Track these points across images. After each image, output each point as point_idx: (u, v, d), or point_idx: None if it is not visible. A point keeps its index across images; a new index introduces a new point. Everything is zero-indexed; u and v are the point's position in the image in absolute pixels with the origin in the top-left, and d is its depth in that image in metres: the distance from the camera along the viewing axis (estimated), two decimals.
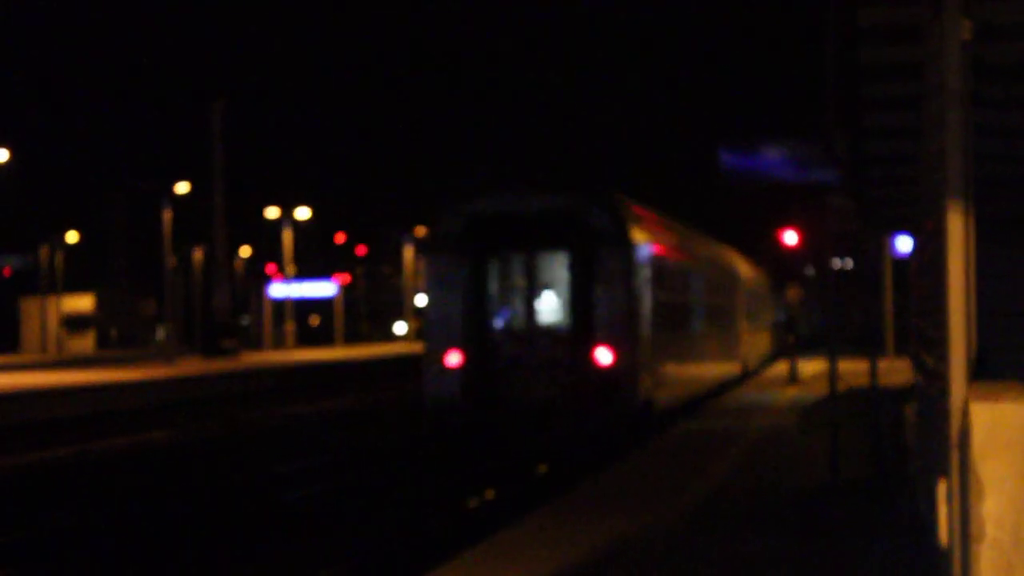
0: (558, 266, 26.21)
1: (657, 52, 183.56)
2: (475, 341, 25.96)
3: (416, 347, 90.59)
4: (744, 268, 45.41)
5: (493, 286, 26.30)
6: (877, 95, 12.76)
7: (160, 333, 75.68)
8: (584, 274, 25.89)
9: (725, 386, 39.81)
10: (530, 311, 26.25)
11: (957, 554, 8.53)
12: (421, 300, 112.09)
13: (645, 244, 27.42)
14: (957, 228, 8.78)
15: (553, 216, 26.13)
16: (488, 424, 26.02)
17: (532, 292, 26.24)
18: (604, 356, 25.66)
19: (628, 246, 26.22)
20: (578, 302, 25.93)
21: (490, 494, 23.28)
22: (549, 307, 26.32)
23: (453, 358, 25.88)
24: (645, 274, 27.12)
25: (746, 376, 45.36)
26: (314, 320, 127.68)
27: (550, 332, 26.17)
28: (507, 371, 26.06)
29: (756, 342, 48.12)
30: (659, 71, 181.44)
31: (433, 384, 26.16)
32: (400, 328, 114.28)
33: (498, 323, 26.26)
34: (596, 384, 25.61)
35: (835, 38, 17.49)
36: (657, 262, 28.46)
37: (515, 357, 26.07)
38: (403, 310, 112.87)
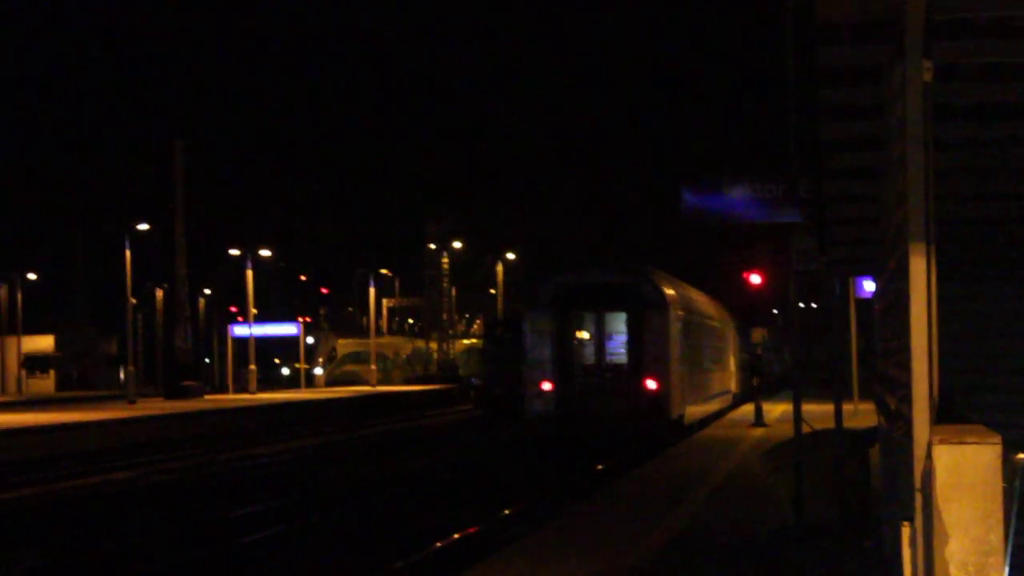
0: (618, 322, 37.20)
1: (620, 92, 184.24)
2: (561, 373, 36.57)
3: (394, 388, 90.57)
4: (727, 315, 53.93)
5: (573, 335, 37.04)
6: (838, 136, 12.77)
7: (122, 374, 75.13)
8: (636, 327, 36.82)
9: (723, 409, 49.42)
10: (599, 352, 37.23)
11: None
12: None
13: (675, 307, 37.90)
14: (919, 269, 8.75)
15: (615, 288, 37.33)
16: (570, 431, 36.40)
17: (600, 339, 37.21)
18: (651, 384, 36.50)
19: (665, 308, 37.00)
20: (632, 347, 36.84)
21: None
22: (612, 350, 37.18)
23: (546, 385, 36.65)
24: (676, 327, 37.58)
25: (735, 402, 53.68)
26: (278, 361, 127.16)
27: (613, 367, 37.11)
28: (583, 394, 36.75)
29: (741, 377, 58.96)
30: (622, 110, 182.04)
31: (531, 403, 36.94)
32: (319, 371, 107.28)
33: (577, 361, 36.98)
34: (645, 403, 36.46)
35: (797, 78, 17.52)
36: (682, 319, 38.93)
37: (588, 384, 36.91)
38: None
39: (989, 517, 8.01)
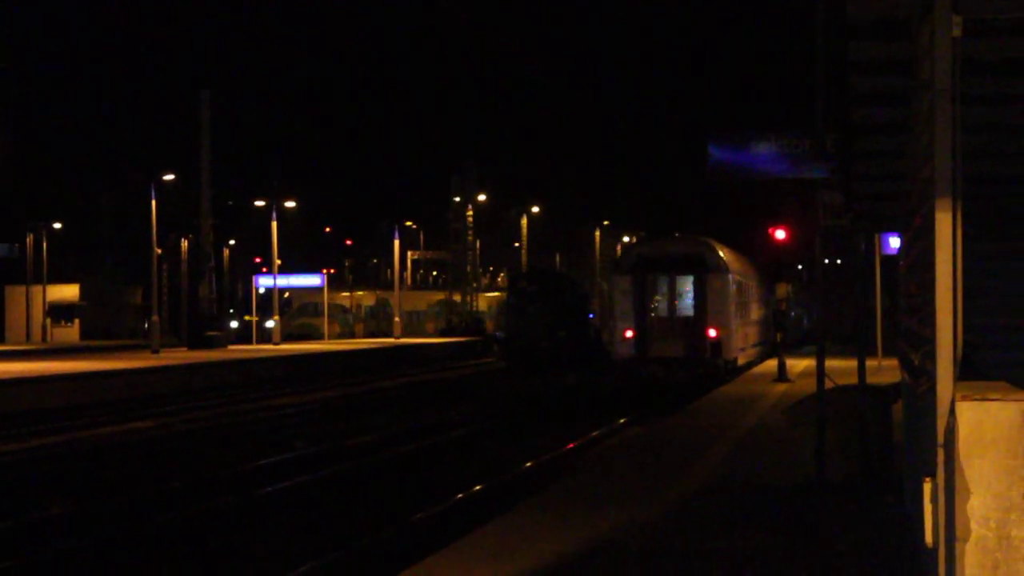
0: (686, 283, 45.25)
1: (647, 46, 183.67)
2: (640, 324, 44.54)
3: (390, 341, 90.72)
4: (756, 272, 58.89)
5: (650, 293, 45.06)
6: (866, 90, 12.71)
7: (146, 324, 75.10)
8: (700, 287, 44.92)
9: (761, 356, 55.73)
10: (671, 307, 45.36)
11: (942, 553, 8.48)
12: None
13: (731, 271, 45.97)
14: (945, 225, 8.72)
15: (684, 256, 45.52)
16: (647, 369, 44.10)
17: (672, 297, 45.40)
18: (712, 332, 44.53)
19: (725, 273, 45.34)
20: (697, 303, 44.88)
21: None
22: (681, 305, 45.28)
23: (628, 333, 44.67)
24: (732, 288, 45.73)
25: (773, 350, 58.06)
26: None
27: (682, 319, 45.05)
28: (658, 340, 44.60)
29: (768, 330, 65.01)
30: (649, 65, 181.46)
31: (618, 347, 45.01)
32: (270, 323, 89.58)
33: (653, 314, 44.98)
34: (707, 348, 44.39)
35: (824, 32, 17.42)
36: (736, 281, 46.75)
37: (662, 332, 44.79)
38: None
39: (1012, 474, 8.00)
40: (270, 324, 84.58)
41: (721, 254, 46.02)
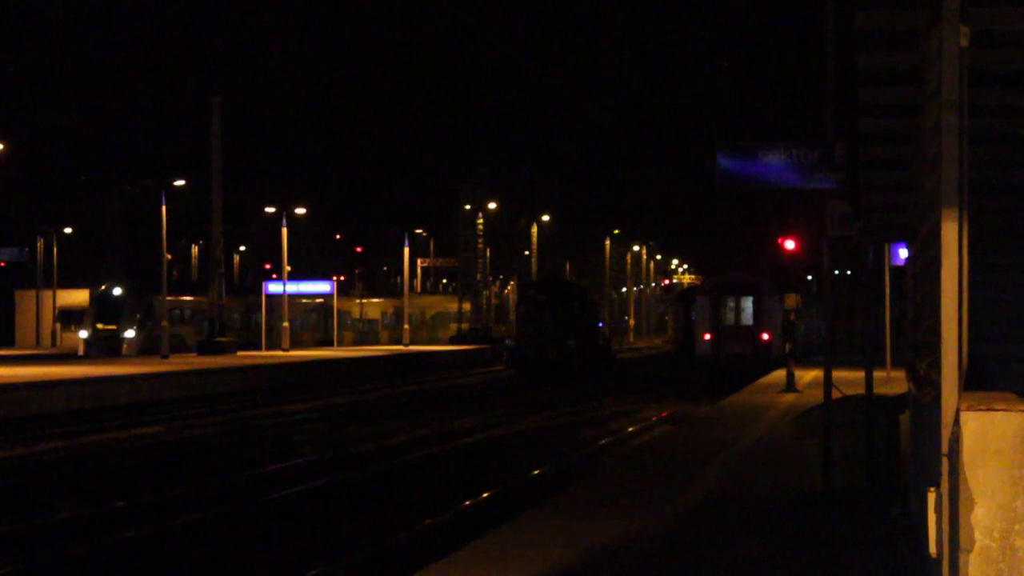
0: (747, 302, 61.84)
1: (656, 54, 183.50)
2: (715, 330, 61.05)
3: (407, 349, 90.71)
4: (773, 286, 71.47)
5: (722, 309, 61.59)
6: (875, 100, 12.72)
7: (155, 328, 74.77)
8: (757, 305, 61.70)
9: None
10: (737, 319, 61.69)
11: (946, 563, 8.48)
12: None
13: (776, 293, 60.55)
14: (951, 235, 8.73)
15: (745, 283, 63.06)
16: (721, 364, 59.57)
17: (738, 312, 61.82)
18: (765, 336, 61.02)
19: (773, 295, 61.18)
20: (755, 315, 61.56)
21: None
22: (744, 317, 61.74)
23: (707, 336, 61.28)
24: (777, 305, 60.03)
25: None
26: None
27: (744, 327, 61.41)
28: (728, 341, 60.57)
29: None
30: (658, 73, 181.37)
31: (698, 347, 61.94)
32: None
33: (723, 323, 61.21)
34: (762, 348, 60.47)
35: (834, 43, 17.44)
36: (777, 299, 60.34)
37: (731, 336, 60.80)
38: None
39: (1016, 484, 8.00)
40: (129, 334, 78.04)
41: (770, 282, 63.55)
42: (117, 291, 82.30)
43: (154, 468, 29.03)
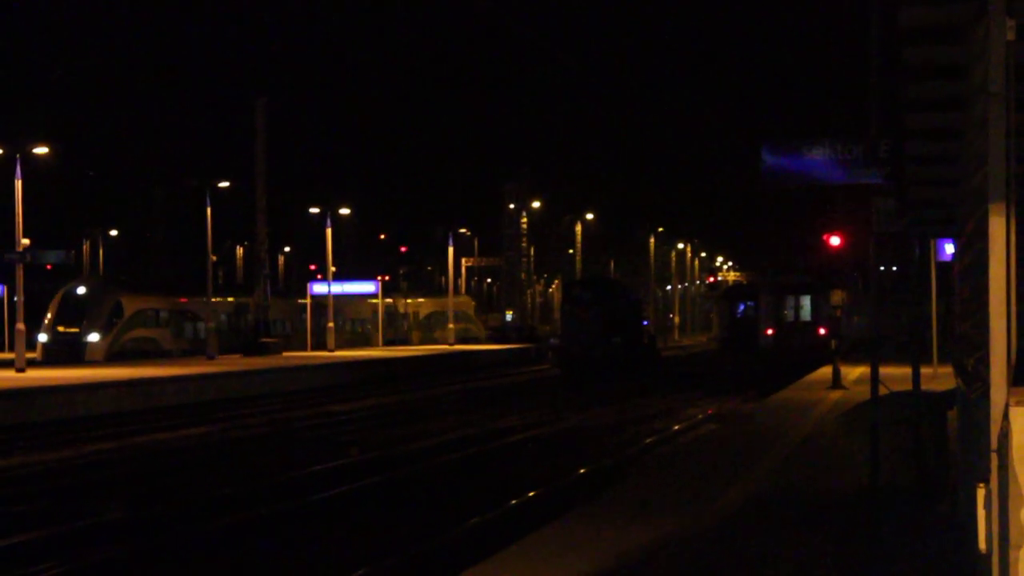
0: (805, 300, 69.31)
1: (701, 52, 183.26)
2: (776, 325, 68.19)
3: (457, 347, 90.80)
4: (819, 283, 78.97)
5: (783, 306, 69.35)
6: (919, 95, 12.66)
7: (202, 330, 74.76)
8: (814, 302, 69.07)
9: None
10: (796, 315, 69.20)
11: (996, 559, 8.44)
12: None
13: (828, 292, 70.74)
14: (999, 230, 8.69)
15: (803, 283, 70.69)
16: (784, 355, 64.77)
17: (797, 309, 69.26)
18: (822, 331, 66.85)
19: (827, 293, 70.25)
20: (813, 312, 68.95)
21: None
22: (802, 313, 69.19)
23: (769, 331, 68.09)
24: (829, 302, 69.74)
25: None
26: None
27: (803, 322, 68.73)
28: (788, 336, 67.38)
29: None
30: (703, 71, 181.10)
31: (762, 340, 67.61)
32: None
33: (782, 319, 69.18)
34: (820, 341, 64.09)
35: (878, 38, 17.36)
36: (828, 297, 70.63)
37: (790, 330, 67.86)
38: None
39: None
40: (94, 338, 70.49)
41: (824, 281, 72.12)
42: (81, 290, 73.51)
43: (202, 468, 29.16)
